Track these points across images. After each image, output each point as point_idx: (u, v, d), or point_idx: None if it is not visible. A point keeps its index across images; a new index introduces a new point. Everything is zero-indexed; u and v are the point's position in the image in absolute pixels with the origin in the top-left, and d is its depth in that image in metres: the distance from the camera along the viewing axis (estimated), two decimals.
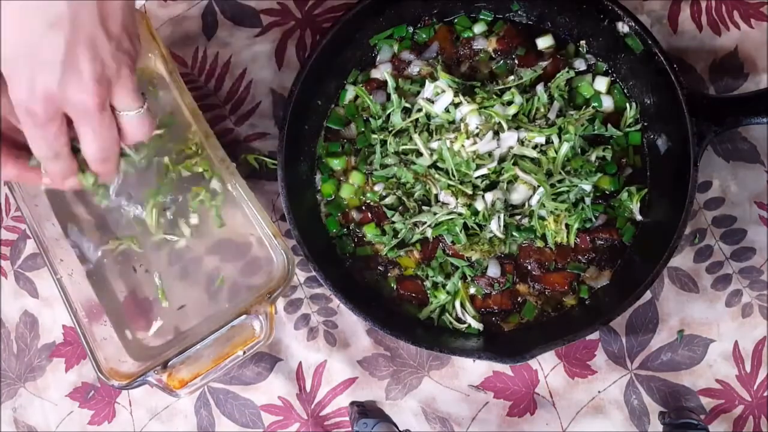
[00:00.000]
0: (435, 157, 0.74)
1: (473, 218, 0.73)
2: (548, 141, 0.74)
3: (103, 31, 0.48)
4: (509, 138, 0.72)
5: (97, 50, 0.48)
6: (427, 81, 0.78)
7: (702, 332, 0.76)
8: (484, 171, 0.73)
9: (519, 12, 0.80)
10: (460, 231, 0.73)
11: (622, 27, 0.74)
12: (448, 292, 0.75)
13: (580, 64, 0.78)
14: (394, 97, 0.76)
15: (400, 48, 0.81)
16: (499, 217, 0.72)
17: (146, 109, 0.55)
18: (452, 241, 0.75)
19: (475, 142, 0.72)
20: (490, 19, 0.81)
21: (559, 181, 0.73)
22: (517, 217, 0.74)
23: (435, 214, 0.73)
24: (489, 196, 0.72)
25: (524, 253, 0.75)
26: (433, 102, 0.74)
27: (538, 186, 0.72)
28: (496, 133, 0.73)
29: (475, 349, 0.72)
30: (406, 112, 0.77)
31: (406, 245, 0.76)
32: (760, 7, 0.81)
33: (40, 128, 0.50)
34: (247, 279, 0.77)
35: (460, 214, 0.73)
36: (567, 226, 0.74)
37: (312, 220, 0.78)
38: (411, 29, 0.81)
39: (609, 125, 0.76)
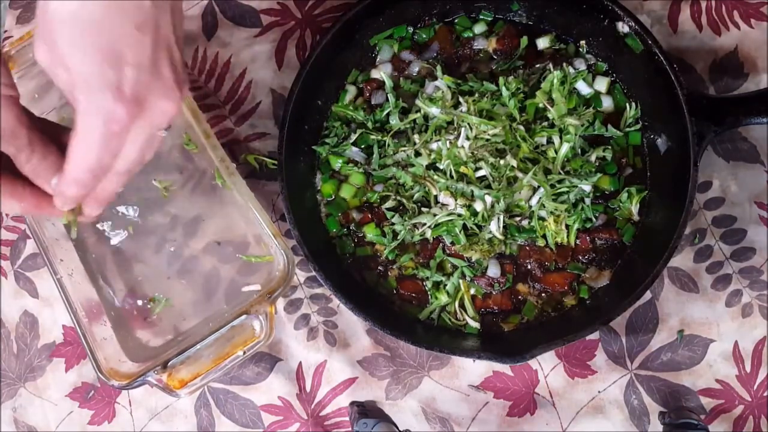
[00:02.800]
0: (433, 156, 0.74)
1: (472, 219, 0.73)
2: (548, 141, 0.74)
3: (174, 39, 0.47)
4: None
5: (173, 56, 0.47)
6: (426, 80, 0.78)
7: (702, 332, 0.76)
8: (483, 172, 0.73)
9: (519, 12, 0.80)
10: (460, 232, 0.74)
11: (622, 27, 0.74)
12: (448, 293, 0.75)
13: (580, 64, 0.78)
14: (391, 98, 0.76)
15: (400, 48, 0.81)
16: (498, 218, 0.72)
17: None
18: (452, 242, 0.75)
19: (474, 143, 0.72)
20: (490, 19, 0.81)
21: (559, 182, 0.73)
22: (517, 218, 0.74)
23: (434, 215, 0.73)
24: (488, 198, 0.72)
25: (524, 253, 0.75)
26: (432, 102, 0.75)
27: (538, 186, 0.72)
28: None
29: (475, 349, 0.72)
30: (405, 113, 0.77)
31: (406, 247, 0.77)
32: (760, 7, 0.81)
33: (115, 137, 0.47)
34: (246, 279, 0.78)
35: (459, 215, 0.73)
36: (567, 226, 0.74)
37: (312, 220, 0.78)
38: (411, 29, 0.81)
39: (609, 125, 0.76)
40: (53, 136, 0.52)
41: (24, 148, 0.49)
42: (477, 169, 0.73)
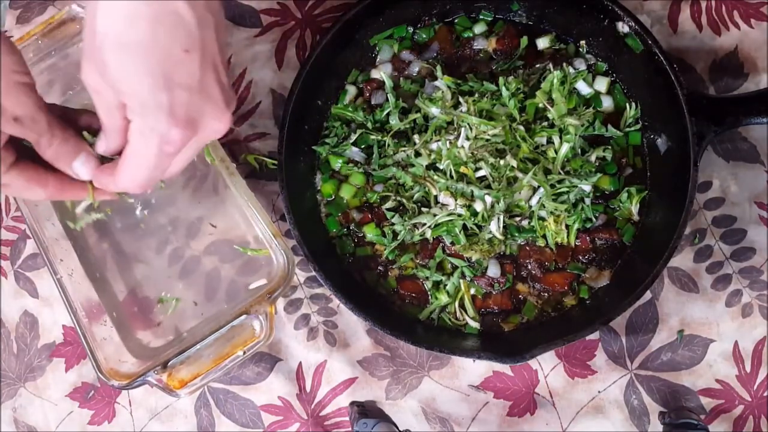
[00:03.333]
0: (433, 156, 0.74)
1: (472, 219, 0.73)
2: (548, 141, 0.74)
3: (220, 60, 0.48)
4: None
5: (220, 77, 0.48)
6: (426, 80, 0.78)
7: (702, 332, 0.76)
8: (483, 172, 0.73)
9: (519, 12, 0.80)
10: (460, 232, 0.74)
11: (622, 27, 0.74)
12: (448, 293, 0.75)
13: (580, 64, 0.78)
14: (391, 98, 0.76)
15: (400, 48, 0.81)
16: (498, 218, 0.72)
17: None
18: (452, 242, 0.75)
19: (474, 143, 0.72)
20: (490, 19, 0.81)
21: (559, 182, 0.73)
22: (517, 218, 0.74)
23: (434, 215, 0.73)
24: (488, 198, 0.72)
25: (524, 253, 0.75)
26: (432, 102, 0.75)
27: (538, 186, 0.72)
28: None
29: (475, 349, 0.72)
30: (405, 113, 0.77)
31: (406, 247, 0.77)
32: (760, 7, 0.81)
33: (168, 158, 0.49)
34: (246, 279, 0.78)
35: (459, 215, 0.73)
36: (567, 226, 0.74)
37: (312, 220, 0.78)
38: (411, 29, 0.81)
39: (609, 125, 0.76)
40: (70, 120, 0.54)
41: (44, 133, 0.50)
42: (477, 169, 0.73)
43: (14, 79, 0.47)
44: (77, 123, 0.55)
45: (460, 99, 0.75)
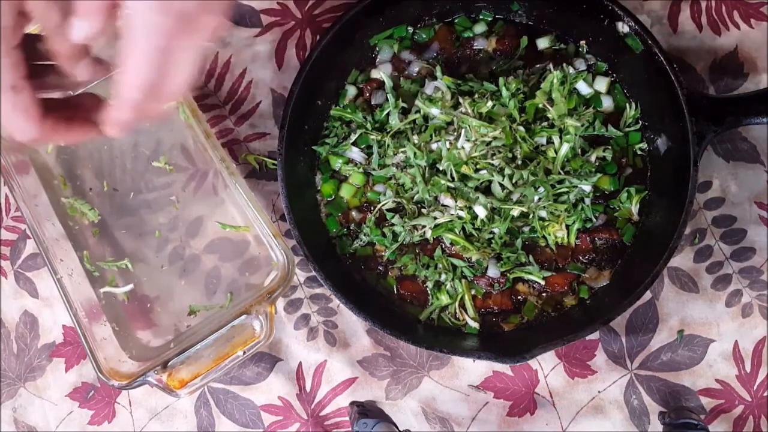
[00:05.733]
0: (434, 156, 0.74)
1: (472, 225, 0.73)
2: (548, 141, 0.74)
3: None
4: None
5: None
6: (426, 80, 0.78)
7: (702, 332, 0.76)
8: (484, 173, 0.73)
9: (519, 12, 0.80)
10: (459, 233, 0.74)
11: (622, 27, 0.74)
12: (448, 293, 0.75)
13: (580, 64, 0.78)
14: (391, 98, 0.76)
15: (400, 48, 0.81)
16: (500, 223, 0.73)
17: None
18: (451, 243, 0.75)
19: (474, 144, 0.72)
20: (490, 19, 0.81)
21: (559, 182, 0.73)
22: (519, 224, 0.74)
23: (434, 218, 0.73)
24: (487, 206, 0.72)
25: None
26: (431, 102, 0.75)
27: (539, 186, 0.72)
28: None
29: (475, 349, 0.72)
30: (405, 113, 0.77)
31: (406, 248, 0.77)
32: (760, 7, 0.81)
33: (161, 53, 0.47)
34: (246, 278, 0.78)
35: (459, 218, 0.73)
36: (567, 226, 0.74)
37: (312, 220, 0.78)
38: (411, 29, 0.81)
39: (609, 125, 0.76)
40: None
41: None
42: (477, 170, 0.73)
43: None
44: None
45: (460, 99, 0.74)
